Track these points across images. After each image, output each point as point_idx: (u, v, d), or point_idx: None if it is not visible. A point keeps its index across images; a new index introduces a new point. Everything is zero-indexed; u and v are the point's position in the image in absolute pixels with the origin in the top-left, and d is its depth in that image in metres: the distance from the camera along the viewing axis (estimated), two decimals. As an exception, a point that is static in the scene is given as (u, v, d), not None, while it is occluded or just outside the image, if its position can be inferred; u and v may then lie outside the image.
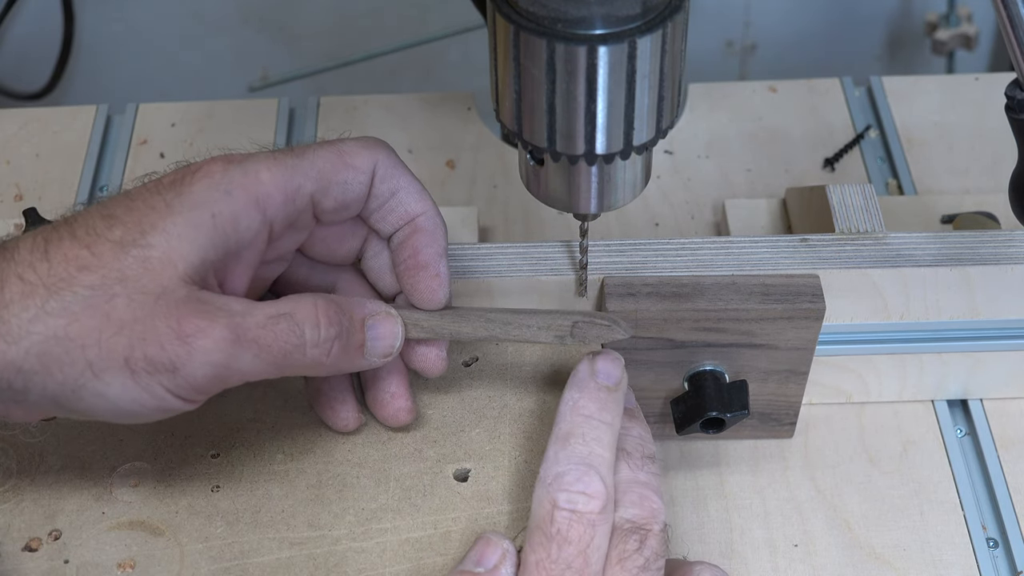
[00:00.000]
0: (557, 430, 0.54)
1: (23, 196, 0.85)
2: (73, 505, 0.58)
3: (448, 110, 0.91)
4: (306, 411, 0.61)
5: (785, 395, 0.66)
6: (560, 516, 0.51)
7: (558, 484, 0.52)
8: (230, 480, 0.58)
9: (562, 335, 0.57)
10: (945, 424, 0.70)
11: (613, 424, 0.54)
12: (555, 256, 0.63)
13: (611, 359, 0.56)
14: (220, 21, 1.30)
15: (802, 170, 0.87)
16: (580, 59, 0.49)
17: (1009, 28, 0.55)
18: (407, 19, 1.28)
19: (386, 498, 0.58)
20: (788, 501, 0.67)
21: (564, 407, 0.54)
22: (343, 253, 0.58)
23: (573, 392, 0.54)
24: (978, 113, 0.90)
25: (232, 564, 0.55)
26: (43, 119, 0.91)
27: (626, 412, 0.57)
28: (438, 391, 0.61)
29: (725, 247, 0.63)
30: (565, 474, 0.52)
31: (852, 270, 0.63)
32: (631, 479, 0.54)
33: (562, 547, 0.51)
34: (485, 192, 0.86)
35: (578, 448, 0.53)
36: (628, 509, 0.53)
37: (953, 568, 0.64)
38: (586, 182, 0.55)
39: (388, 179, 0.57)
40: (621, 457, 0.54)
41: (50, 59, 1.29)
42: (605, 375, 0.55)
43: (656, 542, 0.52)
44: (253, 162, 0.52)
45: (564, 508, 0.51)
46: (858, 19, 1.30)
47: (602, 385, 0.55)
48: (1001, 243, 0.64)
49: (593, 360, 0.55)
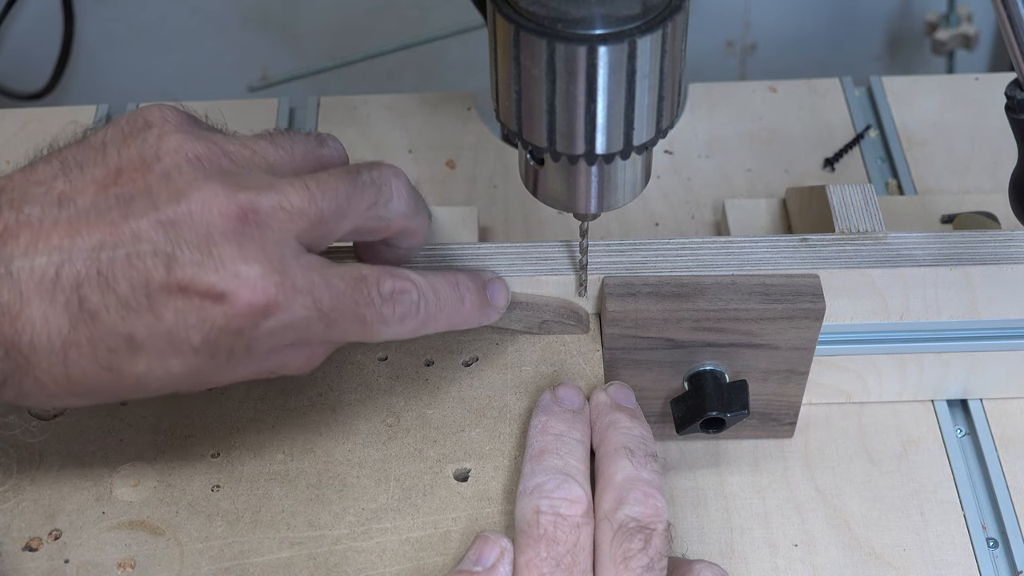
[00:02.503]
0: (530, 450, 0.56)
1: (23, 196, 0.85)
2: (73, 505, 0.58)
3: (448, 110, 0.91)
4: (306, 411, 0.61)
5: (785, 395, 0.66)
6: (545, 519, 0.52)
7: (539, 492, 0.53)
8: (230, 480, 0.58)
9: (530, 327, 0.63)
10: (945, 424, 0.70)
11: (583, 441, 0.56)
12: (555, 256, 0.63)
13: (571, 388, 0.59)
14: (220, 21, 1.30)
15: (802, 170, 0.87)
16: (580, 59, 0.49)
17: (1009, 28, 0.55)
18: (407, 19, 1.28)
19: (386, 498, 0.58)
20: (788, 501, 0.67)
21: (533, 431, 0.57)
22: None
23: (540, 416, 0.57)
24: (978, 113, 0.90)
25: (232, 564, 0.55)
26: (43, 119, 0.91)
27: (627, 412, 0.57)
28: (438, 391, 0.61)
29: (725, 247, 0.63)
30: (544, 484, 0.53)
31: (852, 270, 0.63)
32: (634, 477, 0.54)
33: (551, 546, 0.51)
34: (485, 192, 0.86)
35: (554, 461, 0.55)
36: (632, 507, 0.53)
37: (953, 568, 0.64)
38: (586, 182, 0.55)
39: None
40: (624, 455, 0.55)
41: (50, 59, 1.29)
42: (568, 400, 0.58)
43: (660, 541, 0.52)
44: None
45: (548, 512, 0.52)
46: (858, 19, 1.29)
47: (567, 408, 0.58)
48: (1001, 243, 0.64)
49: (555, 389, 0.59)
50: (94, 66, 1.32)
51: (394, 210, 0.54)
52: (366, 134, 0.90)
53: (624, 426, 0.57)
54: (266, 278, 0.48)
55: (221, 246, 0.48)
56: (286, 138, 0.54)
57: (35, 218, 0.48)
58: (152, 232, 0.48)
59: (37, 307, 0.47)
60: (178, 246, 0.47)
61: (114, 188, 0.49)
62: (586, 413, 0.58)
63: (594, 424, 0.58)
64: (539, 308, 0.62)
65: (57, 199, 0.49)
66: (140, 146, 0.50)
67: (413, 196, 0.55)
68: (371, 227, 0.53)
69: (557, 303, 0.63)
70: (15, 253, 0.47)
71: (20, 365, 0.48)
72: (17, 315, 0.47)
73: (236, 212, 0.48)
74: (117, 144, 0.50)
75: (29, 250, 0.48)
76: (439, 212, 0.77)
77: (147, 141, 0.50)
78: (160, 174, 0.49)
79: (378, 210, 0.53)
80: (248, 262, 0.48)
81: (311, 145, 0.55)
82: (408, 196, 0.54)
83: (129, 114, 0.52)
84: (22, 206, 0.48)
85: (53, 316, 0.47)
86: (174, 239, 0.48)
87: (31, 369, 0.48)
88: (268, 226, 0.49)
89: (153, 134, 0.50)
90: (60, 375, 0.49)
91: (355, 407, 0.61)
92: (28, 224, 0.48)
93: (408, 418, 0.60)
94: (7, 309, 0.47)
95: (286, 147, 0.53)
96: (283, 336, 0.50)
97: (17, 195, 0.49)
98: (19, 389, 0.49)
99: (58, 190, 0.49)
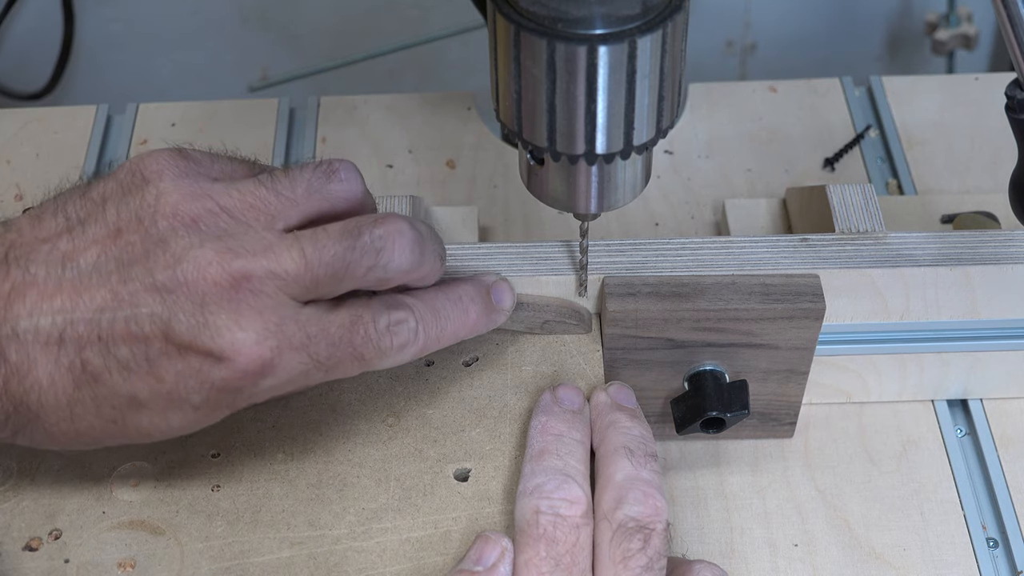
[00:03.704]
0: (530, 450, 0.56)
1: (23, 196, 0.85)
2: (73, 505, 0.58)
3: (448, 110, 0.91)
4: (306, 411, 0.61)
5: (785, 395, 0.66)
6: (544, 519, 0.52)
7: (538, 493, 0.53)
8: (230, 480, 0.58)
9: (532, 327, 0.63)
10: (945, 424, 0.70)
11: (583, 442, 0.56)
12: (555, 256, 0.63)
13: (571, 388, 0.59)
14: (220, 21, 1.30)
15: (802, 170, 0.87)
16: (580, 59, 0.49)
17: (1009, 28, 0.55)
18: (407, 19, 1.28)
19: (386, 498, 0.58)
20: (788, 501, 0.67)
21: (533, 431, 0.57)
22: None
23: (540, 416, 0.57)
24: (978, 113, 0.90)
25: (232, 564, 0.55)
26: (43, 119, 0.91)
27: (627, 412, 0.58)
28: (438, 391, 0.61)
29: (725, 247, 0.63)
30: (544, 484, 0.53)
31: (852, 270, 0.63)
32: (634, 476, 0.54)
33: (550, 545, 0.52)
34: (485, 192, 0.86)
35: (554, 462, 0.55)
36: (632, 507, 0.53)
37: (953, 568, 0.64)
38: (586, 182, 0.55)
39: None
40: (624, 455, 0.55)
41: (50, 59, 1.29)
42: (568, 401, 0.58)
43: (659, 541, 0.52)
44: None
45: (547, 513, 0.52)
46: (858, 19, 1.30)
47: (567, 408, 0.58)
48: (1001, 243, 0.64)
49: (555, 390, 0.59)
50: (94, 66, 1.32)
51: (394, 270, 0.53)
52: (366, 134, 0.90)
53: (624, 426, 0.57)
54: (261, 344, 0.49)
55: (216, 313, 0.49)
56: (287, 180, 0.53)
57: (40, 278, 0.50)
58: (149, 298, 0.49)
59: (43, 368, 0.49)
60: (174, 312, 0.49)
61: (114, 249, 0.50)
62: (586, 413, 0.58)
63: (594, 424, 0.58)
64: (541, 308, 0.62)
65: (61, 259, 0.50)
66: (138, 205, 0.51)
67: (417, 250, 0.54)
68: (370, 285, 0.53)
69: (559, 303, 0.63)
70: (21, 313, 0.49)
71: (30, 420, 0.51)
72: (25, 375, 0.49)
73: (229, 280, 0.49)
74: (116, 201, 0.52)
75: (34, 311, 0.49)
76: (439, 212, 0.77)
77: (144, 200, 0.51)
78: (157, 239, 0.50)
79: (377, 272, 0.53)
80: (243, 328, 0.49)
81: (317, 181, 0.54)
82: (411, 252, 0.53)
83: (128, 164, 0.52)
84: (28, 265, 0.50)
85: (58, 377, 0.50)
86: (171, 305, 0.49)
87: (40, 423, 0.51)
88: (262, 291, 0.50)
89: (151, 193, 0.51)
90: (68, 428, 0.51)
91: (355, 407, 0.61)
92: (34, 284, 0.50)
93: (408, 418, 0.60)
94: (16, 369, 0.49)
95: (287, 191, 0.53)
96: (282, 388, 0.52)
97: (24, 252, 0.50)
98: (31, 438, 0.52)
99: (62, 249, 0.50)
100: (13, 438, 0.52)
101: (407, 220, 0.54)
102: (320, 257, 0.51)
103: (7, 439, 0.52)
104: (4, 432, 0.51)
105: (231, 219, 0.51)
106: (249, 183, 0.53)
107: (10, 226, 0.52)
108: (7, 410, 0.50)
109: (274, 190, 0.53)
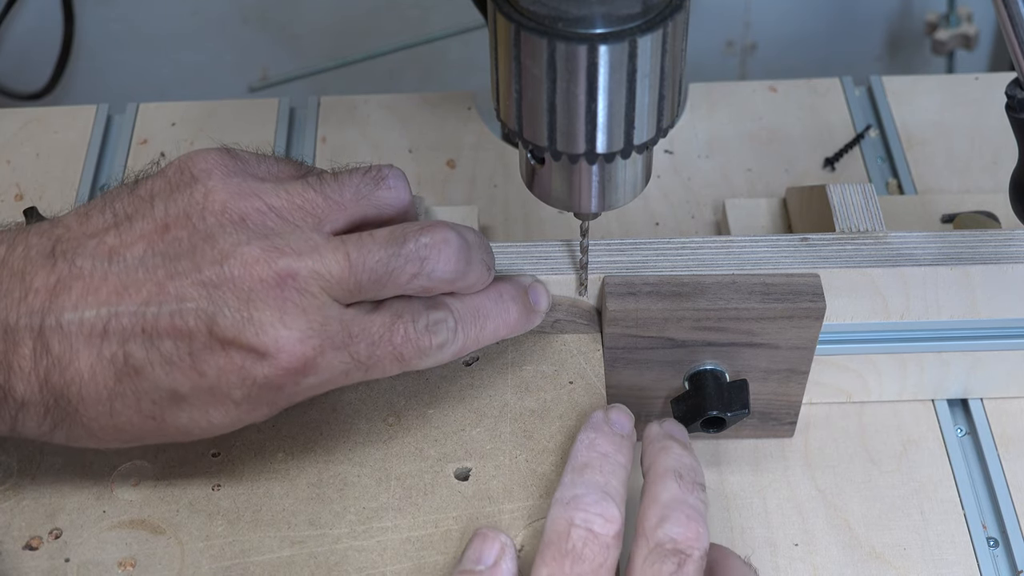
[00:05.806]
0: (573, 461, 0.54)
1: (23, 196, 0.85)
2: (74, 504, 0.58)
3: (448, 110, 0.91)
4: (306, 410, 0.61)
5: (785, 394, 0.66)
6: (576, 533, 0.51)
7: (575, 504, 0.52)
8: (231, 479, 0.58)
9: (543, 326, 0.62)
10: (945, 424, 0.70)
11: (627, 466, 0.55)
12: (555, 255, 0.63)
13: (624, 412, 0.58)
14: (220, 21, 1.30)
15: (802, 170, 0.87)
16: (581, 58, 0.49)
17: (1009, 28, 0.55)
18: (407, 19, 1.29)
19: (387, 497, 0.58)
20: (788, 500, 0.67)
21: (580, 445, 0.55)
22: None
23: (589, 432, 0.56)
24: (978, 113, 0.90)
25: (233, 563, 0.55)
26: (43, 119, 0.91)
27: (679, 442, 0.56)
28: (438, 391, 0.61)
29: (725, 246, 0.63)
30: (583, 496, 0.52)
31: (852, 269, 0.63)
32: (680, 499, 0.53)
33: (575, 563, 0.50)
34: (485, 192, 0.86)
35: (596, 477, 0.53)
36: (673, 527, 0.51)
37: (953, 568, 0.64)
38: (587, 181, 0.55)
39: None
40: (672, 477, 0.53)
41: (50, 59, 1.29)
42: (619, 425, 0.57)
43: (694, 569, 0.50)
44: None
45: (580, 527, 0.51)
46: (858, 19, 1.30)
47: (616, 431, 0.56)
48: (1001, 243, 0.64)
49: (607, 410, 0.57)
50: (94, 66, 1.32)
51: (438, 279, 0.53)
52: (366, 134, 0.90)
53: (676, 452, 0.55)
54: (304, 342, 0.50)
55: (261, 310, 0.49)
56: (335, 183, 0.54)
57: (87, 271, 0.50)
58: (195, 292, 0.49)
59: (85, 360, 0.50)
60: (220, 307, 0.49)
61: (160, 244, 0.51)
62: (633, 440, 0.57)
63: (646, 449, 0.57)
64: (553, 307, 0.63)
65: (108, 253, 0.50)
66: (187, 202, 0.51)
67: (463, 260, 0.54)
68: (414, 292, 0.54)
69: (569, 302, 0.63)
70: (66, 305, 0.49)
71: (69, 413, 0.51)
72: (67, 366, 0.50)
73: (274, 278, 0.50)
74: (164, 198, 0.52)
75: (79, 303, 0.50)
76: (439, 212, 0.77)
77: (193, 197, 0.51)
78: (204, 234, 0.50)
79: (420, 280, 0.53)
80: (287, 326, 0.50)
81: (366, 187, 0.54)
82: (457, 262, 0.54)
83: (176, 162, 0.53)
84: (75, 258, 0.50)
85: (100, 369, 0.50)
86: (216, 300, 0.49)
87: (79, 417, 0.51)
88: (307, 291, 0.50)
89: (199, 190, 0.52)
90: (107, 423, 0.51)
91: (356, 406, 0.61)
92: (80, 277, 0.50)
93: (409, 417, 0.61)
94: (57, 361, 0.50)
95: (334, 195, 0.53)
96: (322, 387, 0.52)
97: (70, 246, 0.51)
98: (69, 433, 0.52)
99: (109, 244, 0.51)
100: (52, 433, 0.52)
101: (455, 229, 0.54)
102: (364, 262, 0.51)
103: (46, 433, 0.52)
104: (44, 426, 0.51)
105: (279, 219, 0.52)
106: (297, 184, 0.53)
107: (57, 222, 0.52)
108: (47, 403, 0.50)
109: (322, 193, 0.53)
